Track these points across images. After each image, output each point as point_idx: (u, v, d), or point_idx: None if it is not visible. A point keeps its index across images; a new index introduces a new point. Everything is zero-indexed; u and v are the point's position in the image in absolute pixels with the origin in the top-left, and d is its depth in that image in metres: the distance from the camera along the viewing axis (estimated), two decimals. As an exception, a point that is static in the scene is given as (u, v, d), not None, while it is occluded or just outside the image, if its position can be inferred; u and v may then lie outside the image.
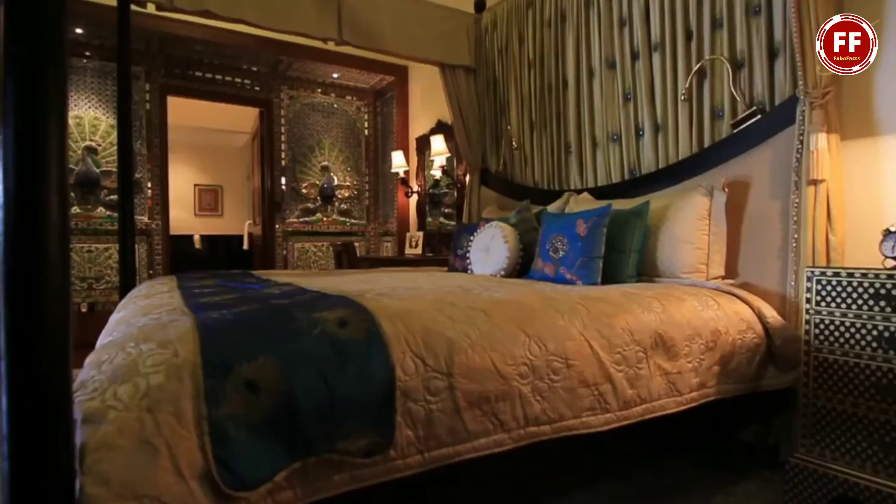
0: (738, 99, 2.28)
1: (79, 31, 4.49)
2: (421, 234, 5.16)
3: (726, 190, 2.16)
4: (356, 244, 6.09)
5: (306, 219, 5.93)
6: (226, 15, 2.97)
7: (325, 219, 6.03)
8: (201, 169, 8.57)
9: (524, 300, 1.48)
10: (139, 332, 1.05)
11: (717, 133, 2.40)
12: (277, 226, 5.75)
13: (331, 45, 3.48)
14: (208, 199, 8.63)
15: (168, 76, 5.13)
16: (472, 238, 2.88)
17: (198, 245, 8.28)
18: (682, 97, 2.49)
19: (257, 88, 5.70)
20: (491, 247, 2.69)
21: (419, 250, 5.06)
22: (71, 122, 4.60)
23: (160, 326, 1.07)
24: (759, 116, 2.18)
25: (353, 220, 6.20)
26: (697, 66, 2.43)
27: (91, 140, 4.67)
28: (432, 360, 1.16)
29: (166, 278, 2.33)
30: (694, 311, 1.74)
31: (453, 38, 3.79)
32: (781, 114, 2.08)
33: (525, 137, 3.54)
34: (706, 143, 2.43)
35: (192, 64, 5.29)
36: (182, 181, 8.30)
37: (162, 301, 1.50)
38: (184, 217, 8.30)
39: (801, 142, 1.96)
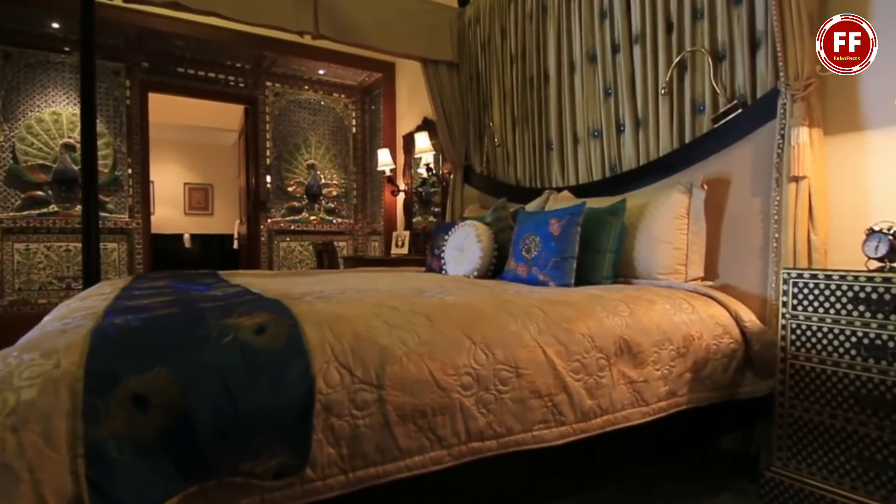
0: (718, 92, 2.18)
1: (55, 25, 4.40)
2: (407, 233, 5.06)
3: (705, 187, 2.06)
4: (343, 243, 6.00)
5: (292, 218, 5.82)
6: (197, 7, 2.88)
7: (311, 218, 5.92)
8: (191, 167, 8.46)
9: (476, 304, 1.38)
10: (36, 339, 0.96)
11: (698, 128, 2.30)
12: (262, 225, 5.64)
13: (307, 39, 3.37)
14: (198, 198, 8.53)
15: (149, 72, 5.03)
16: (447, 237, 2.78)
17: (188, 244, 8.17)
18: (663, 91, 2.39)
19: (241, 85, 5.59)
20: (465, 246, 2.59)
21: (405, 250, 4.96)
22: (48, 118, 4.51)
23: (58, 333, 0.98)
24: (740, 110, 2.08)
25: (340, 219, 6.10)
26: (678, 58, 2.33)
27: (69, 137, 4.58)
28: (360, 370, 1.06)
29: (121, 279, 2.24)
30: (665, 314, 1.64)
31: (436, 33, 3.68)
32: (763, 107, 1.98)
33: (507, 134, 3.44)
34: (687, 139, 2.33)
35: (174, 60, 5.17)
36: (171, 180, 8.21)
37: (92, 303, 1.41)
38: (173, 216, 8.21)
39: (783, 136, 1.86)
